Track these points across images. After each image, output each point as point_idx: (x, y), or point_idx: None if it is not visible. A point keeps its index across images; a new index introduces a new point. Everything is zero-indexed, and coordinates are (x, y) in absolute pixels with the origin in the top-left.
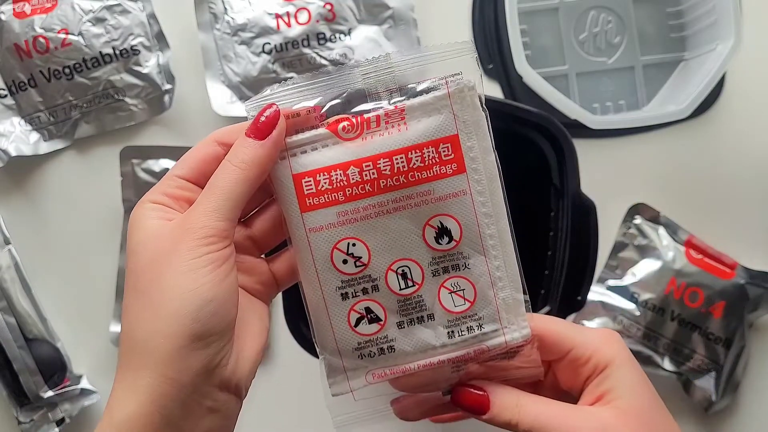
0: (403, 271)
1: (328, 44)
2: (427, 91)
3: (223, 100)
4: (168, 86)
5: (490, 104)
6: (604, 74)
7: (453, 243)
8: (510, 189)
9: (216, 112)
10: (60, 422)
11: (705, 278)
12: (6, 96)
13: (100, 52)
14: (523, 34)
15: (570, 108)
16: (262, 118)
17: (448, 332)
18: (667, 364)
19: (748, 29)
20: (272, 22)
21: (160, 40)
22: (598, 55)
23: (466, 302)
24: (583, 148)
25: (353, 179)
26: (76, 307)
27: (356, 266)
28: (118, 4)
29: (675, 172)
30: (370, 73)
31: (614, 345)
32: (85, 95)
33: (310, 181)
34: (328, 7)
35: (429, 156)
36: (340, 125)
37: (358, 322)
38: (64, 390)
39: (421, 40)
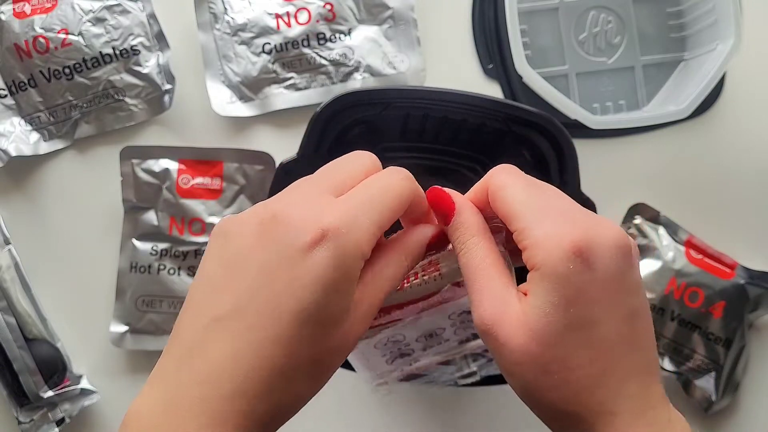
0: (430, 334)
1: (328, 44)
2: None
3: (223, 100)
4: (168, 86)
5: (491, 104)
6: (604, 74)
7: None
8: None
9: (216, 111)
10: (60, 422)
11: (705, 278)
12: (6, 96)
13: (100, 52)
14: (523, 34)
15: (570, 108)
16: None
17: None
18: (667, 364)
19: (748, 29)
20: (272, 22)
21: (160, 40)
22: (598, 55)
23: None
24: (583, 148)
25: (394, 317)
26: (76, 307)
27: (394, 344)
28: (118, 4)
29: (675, 172)
30: None
31: (550, 252)
32: (85, 95)
33: None
34: (328, 7)
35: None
36: None
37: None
38: (64, 390)
39: (421, 40)
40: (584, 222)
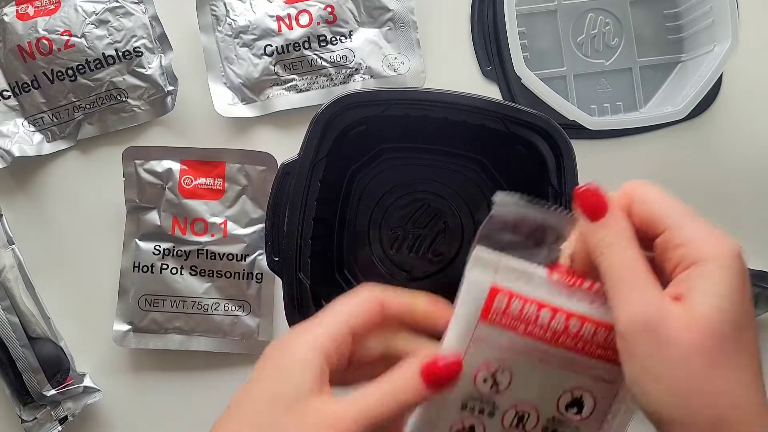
0: (522, 414)
1: (329, 46)
2: None
3: (225, 102)
4: (170, 87)
5: (489, 106)
6: (602, 76)
7: (578, 416)
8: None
9: (218, 113)
10: (63, 420)
11: None
12: (9, 97)
13: (103, 54)
14: (522, 36)
15: (568, 109)
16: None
17: None
18: None
19: (745, 30)
20: (273, 25)
21: (163, 42)
22: (596, 57)
23: None
24: (581, 149)
25: (540, 321)
26: (79, 306)
27: (491, 389)
28: (121, 6)
29: (672, 172)
30: None
31: (717, 246)
32: (88, 96)
33: (504, 299)
34: (329, 9)
35: (612, 340)
36: (557, 272)
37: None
38: (67, 388)
39: (421, 42)
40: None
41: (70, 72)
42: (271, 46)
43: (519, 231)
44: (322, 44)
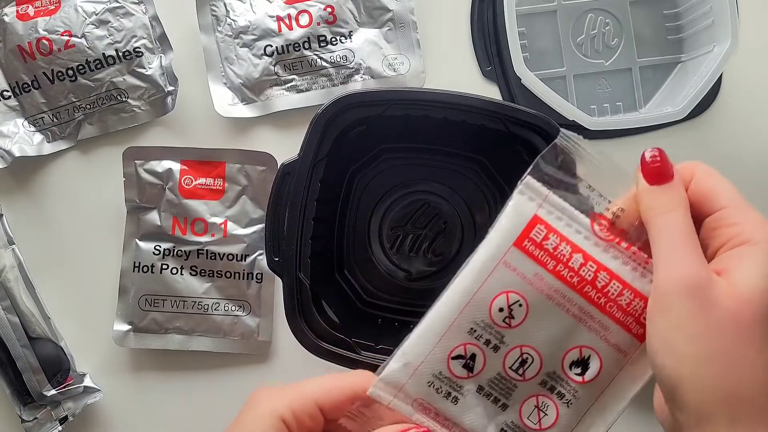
0: (525, 358)
1: (329, 47)
2: None
3: (225, 102)
4: (171, 88)
5: (489, 106)
6: (602, 76)
7: (579, 378)
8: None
9: (218, 113)
10: (63, 420)
11: None
12: (10, 97)
13: (103, 54)
14: (522, 36)
15: (568, 110)
16: None
17: None
18: None
19: (745, 30)
20: (273, 25)
21: (163, 42)
22: (596, 57)
23: (537, 424)
24: None
25: (571, 263)
26: (79, 306)
27: (503, 321)
28: (121, 7)
29: None
30: None
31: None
32: (89, 97)
33: (543, 232)
34: (329, 9)
35: (635, 307)
36: (599, 223)
37: (457, 357)
38: (67, 388)
39: (421, 43)
40: None
41: (70, 72)
42: (271, 46)
43: (571, 173)
44: (322, 44)
